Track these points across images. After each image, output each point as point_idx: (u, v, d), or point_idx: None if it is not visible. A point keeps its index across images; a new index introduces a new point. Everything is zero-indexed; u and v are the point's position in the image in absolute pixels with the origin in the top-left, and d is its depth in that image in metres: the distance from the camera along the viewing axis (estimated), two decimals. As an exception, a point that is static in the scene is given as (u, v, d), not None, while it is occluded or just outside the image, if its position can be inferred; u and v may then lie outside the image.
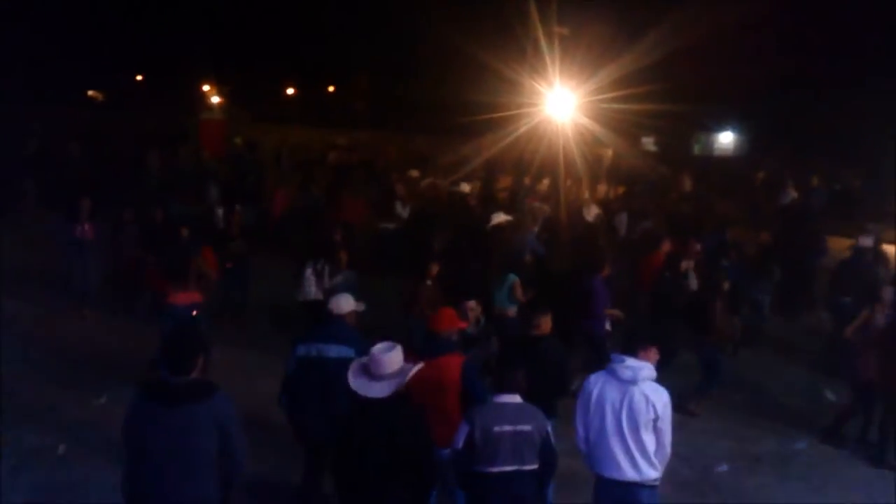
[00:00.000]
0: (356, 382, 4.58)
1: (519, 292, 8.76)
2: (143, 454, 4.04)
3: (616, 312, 8.92)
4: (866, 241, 10.71)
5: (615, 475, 5.02)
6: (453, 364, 5.48)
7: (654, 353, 5.11)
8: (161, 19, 34.48)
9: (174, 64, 37.38)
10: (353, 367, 4.70)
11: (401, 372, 4.63)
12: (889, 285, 8.37)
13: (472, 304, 6.61)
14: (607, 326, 8.93)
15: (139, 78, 43.11)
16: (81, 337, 9.60)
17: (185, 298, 7.94)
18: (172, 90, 37.24)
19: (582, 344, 8.85)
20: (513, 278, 8.83)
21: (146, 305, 9.80)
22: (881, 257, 10.99)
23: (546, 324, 6.41)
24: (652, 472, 5.01)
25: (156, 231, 10.38)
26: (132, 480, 4.10)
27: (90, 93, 39.99)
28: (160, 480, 4.01)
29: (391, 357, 4.61)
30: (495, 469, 4.76)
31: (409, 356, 5.41)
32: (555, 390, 6.15)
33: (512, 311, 8.80)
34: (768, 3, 22.06)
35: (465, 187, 14.50)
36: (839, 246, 12.52)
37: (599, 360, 8.34)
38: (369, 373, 4.60)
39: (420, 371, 4.91)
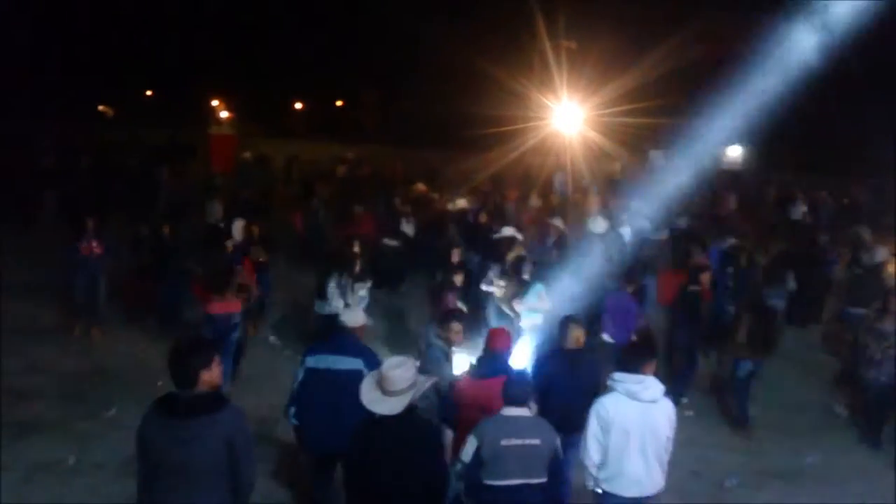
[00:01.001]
0: (368, 398, 4.51)
1: (544, 301, 8.77)
2: (154, 467, 4.03)
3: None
4: (881, 255, 10.80)
5: (634, 493, 5.04)
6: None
7: (653, 368, 5.12)
8: (171, 35, 34.74)
9: (183, 79, 37.63)
10: (366, 381, 4.64)
11: (412, 386, 4.58)
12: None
13: (458, 326, 6.58)
14: (633, 338, 8.91)
15: (149, 93, 43.41)
16: (90, 350, 9.61)
17: (225, 308, 8.23)
18: (182, 105, 37.49)
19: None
20: (539, 287, 8.84)
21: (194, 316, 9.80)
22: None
23: (581, 336, 6.36)
24: (663, 482, 5.13)
25: (163, 246, 10.38)
26: (144, 493, 4.10)
27: (100, 107, 40.24)
28: (170, 494, 4.00)
29: (402, 373, 4.54)
30: (503, 482, 4.75)
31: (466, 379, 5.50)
32: (590, 404, 6.09)
33: (537, 319, 8.84)
34: (776, 19, 22.06)
35: (462, 202, 14.48)
36: (847, 258, 12.48)
37: None
38: (381, 388, 4.54)
39: (471, 389, 4.96)
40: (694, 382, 9.25)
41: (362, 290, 9.29)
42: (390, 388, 4.50)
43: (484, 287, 9.71)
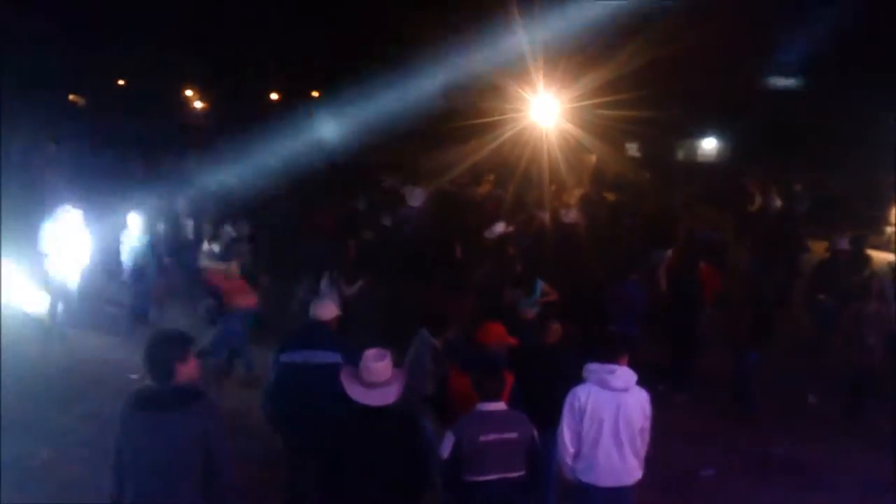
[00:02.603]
0: (355, 391, 4.53)
1: (552, 291, 8.77)
2: (129, 461, 4.02)
3: None
4: (842, 244, 10.91)
5: (610, 483, 5.07)
6: None
7: (626, 358, 5.16)
8: (144, 23, 34.23)
9: (156, 68, 37.16)
10: (345, 375, 4.64)
11: (395, 378, 4.61)
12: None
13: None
14: (636, 330, 9.05)
15: (121, 82, 42.81)
16: (62, 348, 9.47)
17: (245, 302, 8.54)
18: (155, 95, 37.02)
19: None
20: (541, 284, 8.82)
21: (208, 309, 9.77)
22: (861, 260, 11.11)
23: (557, 332, 6.35)
24: (640, 473, 5.17)
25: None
26: (119, 488, 4.07)
27: (71, 97, 39.63)
28: (147, 487, 3.99)
29: (384, 365, 4.59)
30: (482, 478, 4.75)
31: (454, 372, 5.45)
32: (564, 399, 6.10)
33: (532, 312, 8.85)
34: (751, 13, 22.23)
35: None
36: (820, 249, 12.66)
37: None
38: (362, 381, 4.55)
39: (458, 382, 5.06)
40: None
41: (355, 287, 9.24)
42: (372, 379, 4.52)
43: None
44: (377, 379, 4.53)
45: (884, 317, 8.46)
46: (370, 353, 4.66)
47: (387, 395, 4.52)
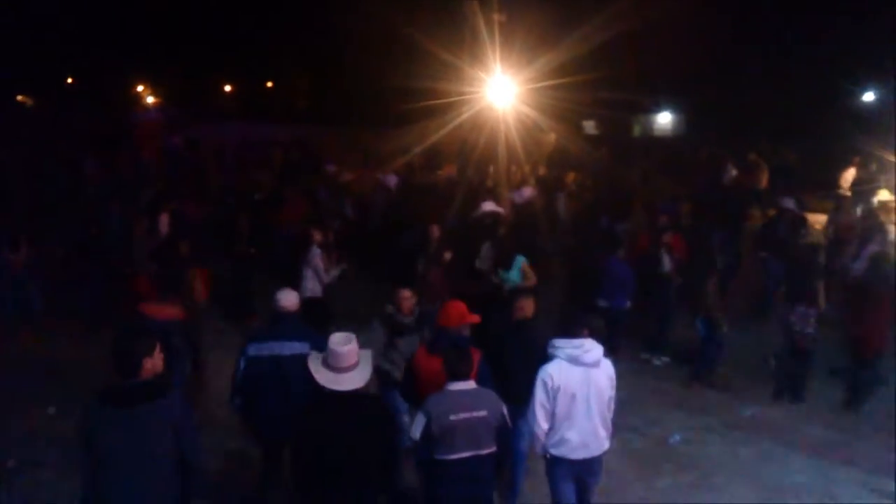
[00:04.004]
0: (324, 377, 4.53)
1: (530, 273, 8.75)
2: (98, 459, 4.00)
3: None
4: (788, 203, 11.44)
5: (582, 455, 5.16)
6: None
7: (589, 332, 5.22)
8: (91, 20, 33.51)
9: (106, 65, 36.43)
10: (312, 362, 4.64)
11: (363, 361, 4.63)
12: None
13: (406, 293, 6.61)
14: (627, 304, 9.32)
15: (69, 80, 41.94)
16: (24, 349, 9.30)
17: (164, 313, 7.05)
18: (105, 92, 36.34)
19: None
20: (521, 260, 8.83)
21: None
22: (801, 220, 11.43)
23: (529, 307, 6.33)
24: (609, 442, 5.27)
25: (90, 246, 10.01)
26: (90, 487, 4.05)
27: (19, 98, 38.73)
28: (117, 484, 3.98)
29: (351, 349, 4.59)
30: (454, 456, 4.80)
31: (421, 353, 5.50)
32: (535, 374, 6.13)
33: (506, 287, 8.89)
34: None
35: (392, 180, 14.42)
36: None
37: (613, 339, 8.71)
38: (330, 366, 4.55)
39: (423, 362, 5.10)
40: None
41: (335, 272, 9.27)
42: (340, 364, 4.53)
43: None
44: (344, 364, 4.54)
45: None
46: (335, 337, 4.65)
47: (355, 380, 4.54)
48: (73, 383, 7.65)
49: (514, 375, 5.65)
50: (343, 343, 4.60)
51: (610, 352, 5.07)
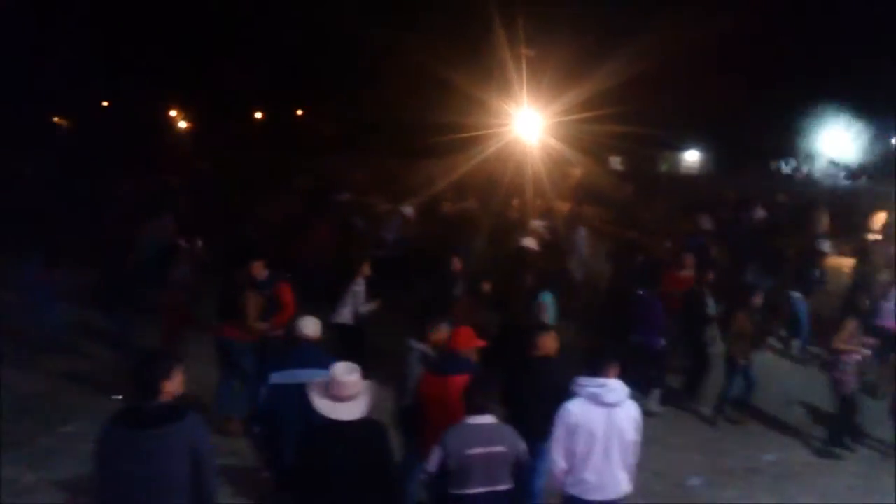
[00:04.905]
0: (324, 406, 4.57)
1: (543, 310, 8.66)
2: (115, 480, 4.00)
3: None
4: (823, 246, 11.55)
5: (599, 497, 5.05)
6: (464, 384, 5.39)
7: (616, 371, 5.14)
8: (127, 43, 34.22)
9: (140, 89, 37.10)
10: (314, 388, 4.68)
11: (364, 392, 4.66)
12: None
13: (444, 329, 6.57)
14: (662, 342, 9.17)
15: (105, 104, 42.72)
16: (45, 368, 9.38)
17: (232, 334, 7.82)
18: (139, 115, 36.95)
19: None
20: (547, 297, 8.79)
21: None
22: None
23: (548, 344, 6.24)
24: (629, 486, 5.14)
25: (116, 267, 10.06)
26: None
27: (56, 119, 39.49)
28: (132, 505, 3.98)
29: (354, 379, 4.63)
30: (469, 491, 4.74)
31: (427, 375, 5.53)
32: (552, 412, 6.07)
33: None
34: (731, 28, 22.52)
35: (409, 210, 14.45)
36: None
37: (658, 376, 8.89)
38: (331, 395, 4.59)
39: (430, 386, 5.05)
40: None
41: (371, 305, 9.13)
42: (343, 393, 4.57)
43: None
44: (346, 393, 4.59)
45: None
46: (340, 367, 4.70)
47: (354, 409, 4.57)
48: (93, 402, 7.72)
49: (528, 412, 5.60)
50: (346, 373, 4.64)
51: (647, 389, 5.02)
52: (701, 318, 9.43)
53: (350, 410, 4.56)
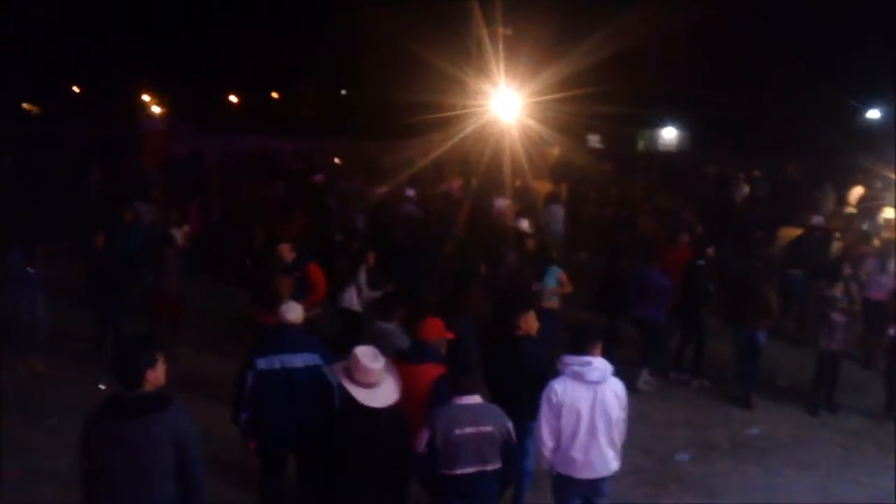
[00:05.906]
0: (359, 394, 4.60)
1: (565, 282, 8.92)
2: (99, 471, 3.96)
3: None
4: (818, 220, 11.69)
5: (587, 475, 5.07)
6: (430, 374, 5.41)
7: (600, 349, 5.14)
8: (97, 29, 33.65)
9: (111, 74, 36.54)
10: (341, 373, 4.71)
11: (390, 375, 4.72)
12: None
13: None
14: (663, 316, 9.24)
15: (76, 89, 42.07)
16: (29, 360, 9.21)
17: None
18: (110, 101, 36.40)
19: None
20: (556, 270, 8.92)
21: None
22: (829, 238, 11.61)
23: (528, 323, 6.21)
24: (617, 464, 5.16)
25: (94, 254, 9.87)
26: (90, 498, 4.01)
27: (25, 105, 38.81)
28: (118, 497, 3.94)
29: (380, 364, 4.68)
30: (458, 471, 4.72)
31: (393, 359, 5.44)
32: (535, 392, 6.07)
33: (555, 303, 8.98)
34: (707, 7, 22.53)
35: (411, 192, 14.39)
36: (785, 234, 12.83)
37: (651, 352, 9.00)
38: (358, 382, 4.62)
39: (400, 373, 4.98)
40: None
41: (378, 291, 9.10)
42: (367, 379, 4.61)
43: None
44: (374, 379, 4.62)
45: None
46: (363, 352, 4.70)
47: (387, 396, 4.64)
48: (77, 392, 7.62)
49: (512, 393, 5.58)
50: (372, 360, 4.67)
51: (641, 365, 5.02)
52: (701, 292, 9.44)
53: (383, 396, 4.61)
